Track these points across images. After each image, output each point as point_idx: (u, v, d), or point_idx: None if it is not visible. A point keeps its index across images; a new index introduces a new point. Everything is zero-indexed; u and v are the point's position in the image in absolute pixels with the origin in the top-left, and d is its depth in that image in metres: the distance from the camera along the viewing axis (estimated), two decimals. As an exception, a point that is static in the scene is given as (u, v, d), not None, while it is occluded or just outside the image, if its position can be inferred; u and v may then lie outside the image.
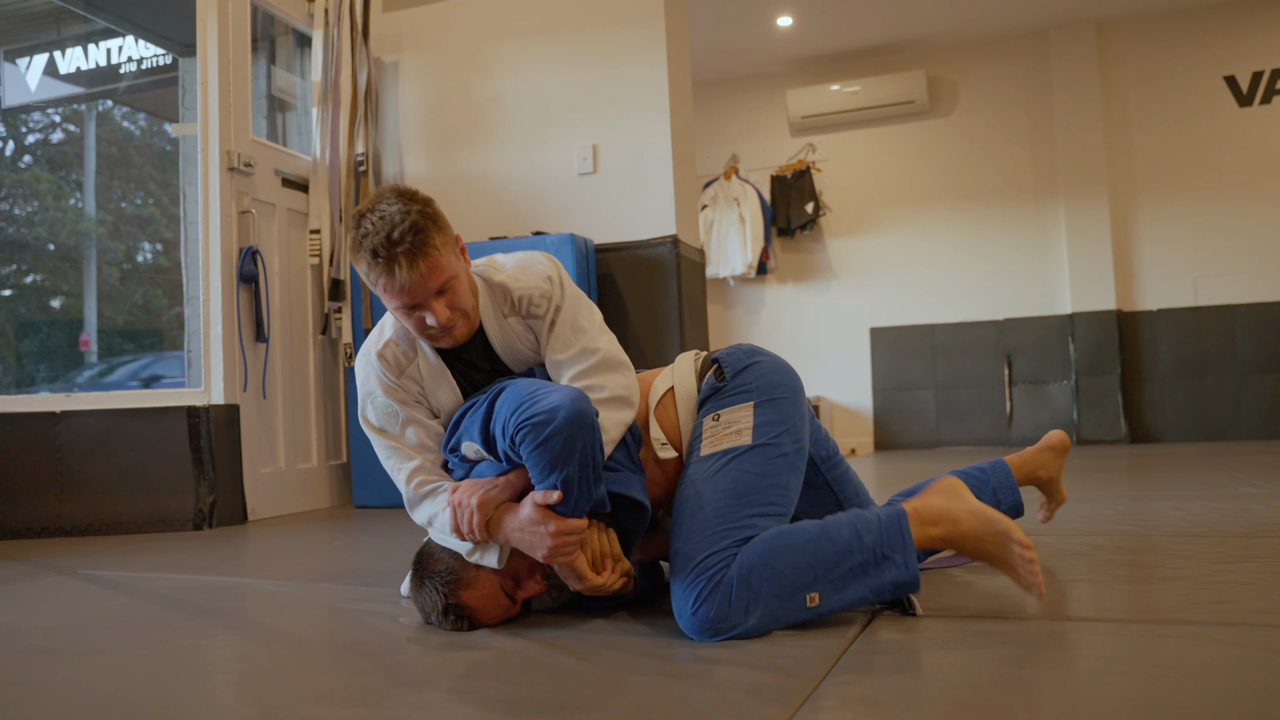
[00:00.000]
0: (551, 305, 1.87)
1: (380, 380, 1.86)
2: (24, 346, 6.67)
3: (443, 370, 1.88)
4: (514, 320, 1.89)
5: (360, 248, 1.73)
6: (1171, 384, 6.58)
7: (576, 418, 1.58)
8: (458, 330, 1.81)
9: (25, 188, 7.02)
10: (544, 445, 1.58)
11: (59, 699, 1.42)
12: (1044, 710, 1.18)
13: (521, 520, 1.65)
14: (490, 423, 1.69)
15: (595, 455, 1.63)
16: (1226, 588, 1.82)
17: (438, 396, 1.88)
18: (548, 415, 1.57)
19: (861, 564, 1.63)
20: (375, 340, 1.90)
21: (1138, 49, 6.75)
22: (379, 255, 1.71)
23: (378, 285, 1.75)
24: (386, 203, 1.75)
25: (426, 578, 1.76)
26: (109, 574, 2.62)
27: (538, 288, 1.88)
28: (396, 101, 4.72)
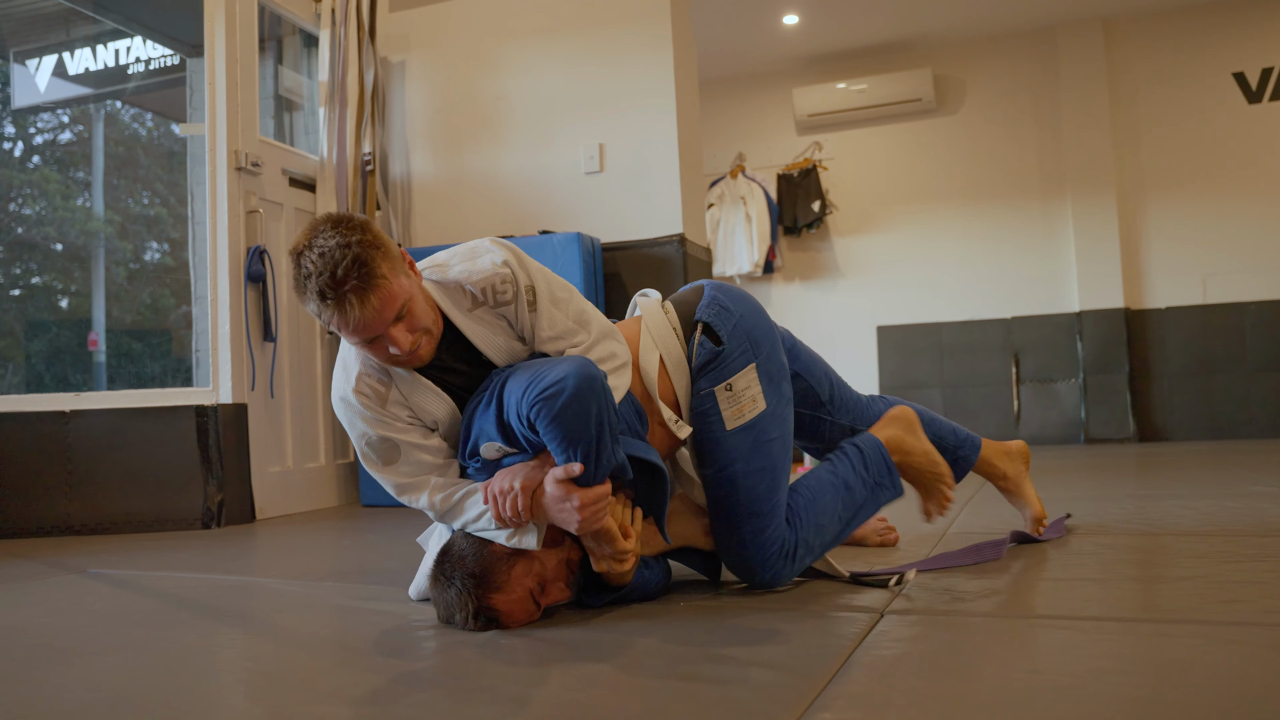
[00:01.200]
0: (520, 286, 1.80)
1: (366, 419, 1.79)
2: (33, 346, 6.69)
3: (423, 383, 1.80)
4: (482, 311, 1.82)
5: (305, 289, 1.64)
6: (1180, 382, 6.56)
7: (587, 384, 1.58)
8: (423, 350, 1.75)
9: (34, 188, 7.04)
10: (559, 416, 1.57)
11: (69, 697, 1.43)
12: (1052, 709, 1.17)
13: (548, 500, 1.64)
14: (504, 413, 1.68)
15: (610, 419, 1.63)
16: (1237, 587, 1.81)
17: (429, 410, 1.81)
18: (558, 386, 1.58)
19: (866, 497, 2.03)
20: (344, 380, 1.82)
21: (1145, 46, 6.73)
22: (327, 296, 1.62)
23: (332, 324, 1.67)
24: (323, 237, 1.64)
25: (454, 578, 1.71)
26: (118, 572, 2.63)
27: (496, 274, 1.80)
28: (403, 101, 4.73)
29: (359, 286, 1.62)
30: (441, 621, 1.77)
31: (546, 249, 3.98)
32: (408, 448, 1.79)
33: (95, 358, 6.58)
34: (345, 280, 1.61)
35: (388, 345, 1.70)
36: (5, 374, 6.37)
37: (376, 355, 1.73)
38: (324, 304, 1.63)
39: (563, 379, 1.58)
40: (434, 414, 1.81)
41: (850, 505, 2.00)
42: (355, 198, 4.34)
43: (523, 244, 4.05)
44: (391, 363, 1.75)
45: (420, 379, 1.80)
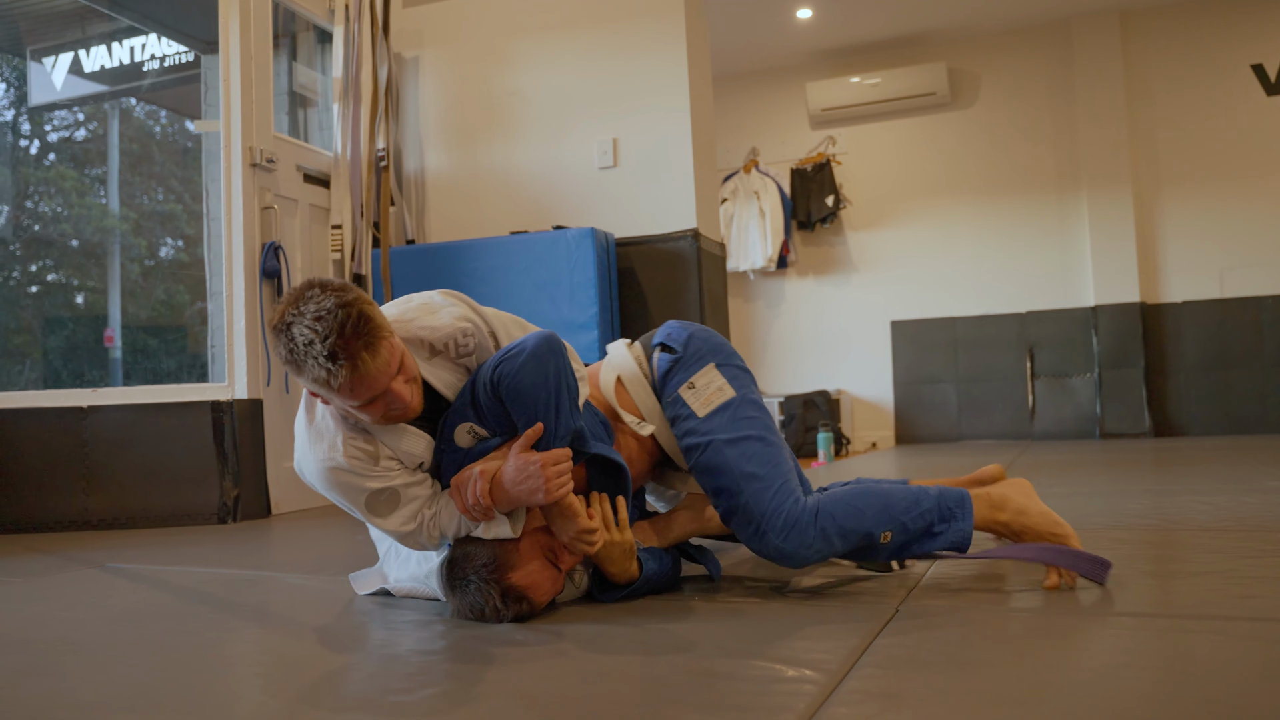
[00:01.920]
0: (481, 334, 1.83)
1: (363, 479, 1.75)
2: (50, 342, 6.73)
3: (402, 429, 1.79)
4: (439, 360, 1.83)
5: (307, 355, 1.60)
6: (1196, 377, 6.52)
7: (545, 344, 1.70)
8: (415, 401, 1.73)
9: (50, 185, 7.08)
10: (520, 373, 1.68)
11: (88, 690, 1.44)
12: (1069, 705, 1.17)
13: (513, 471, 1.67)
14: (475, 394, 1.76)
15: (569, 382, 1.72)
16: (1255, 583, 1.80)
17: (415, 453, 1.80)
18: (518, 347, 1.71)
19: (928, 518, 1.85)
20: (326, 450, 1.75)
21: (1162, 38, 6.69)
22: (338, 358, 1.59)
23: (338, 390, 1.63)
24: (314, 302, 1.62)
25: (467, 578, 1.73)
26: (136, 567, 2.65)
27: (458, 328, 1.82)
28: (417, 96, 4.74)
29: (370, 343, 1.61)
30: (477, 620, 1.75)
31: (560, 244, 3.99)
32: (404, 489, 1.78)
33: (111, 354, 6.62)
34: (356, 337, 1.59)
35: (388, 401, 1.68)
36: (23, 370, 6.41)
37: (372, 414, 1.70)
38: (335, 365, 1.59)
39: (522, 342, 1.72)
40: (419, 455, 1.81)
41: (902, 509, 1.85)
42: (369, 194, 4.35)
43: (537, 239, 4.05)
44: (386, 420, 1.73)
45: (400, 425, 1.79)
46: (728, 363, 2.01)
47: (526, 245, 4.07)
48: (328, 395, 1.67)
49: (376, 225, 4.39)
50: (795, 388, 7.34)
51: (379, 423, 1.73)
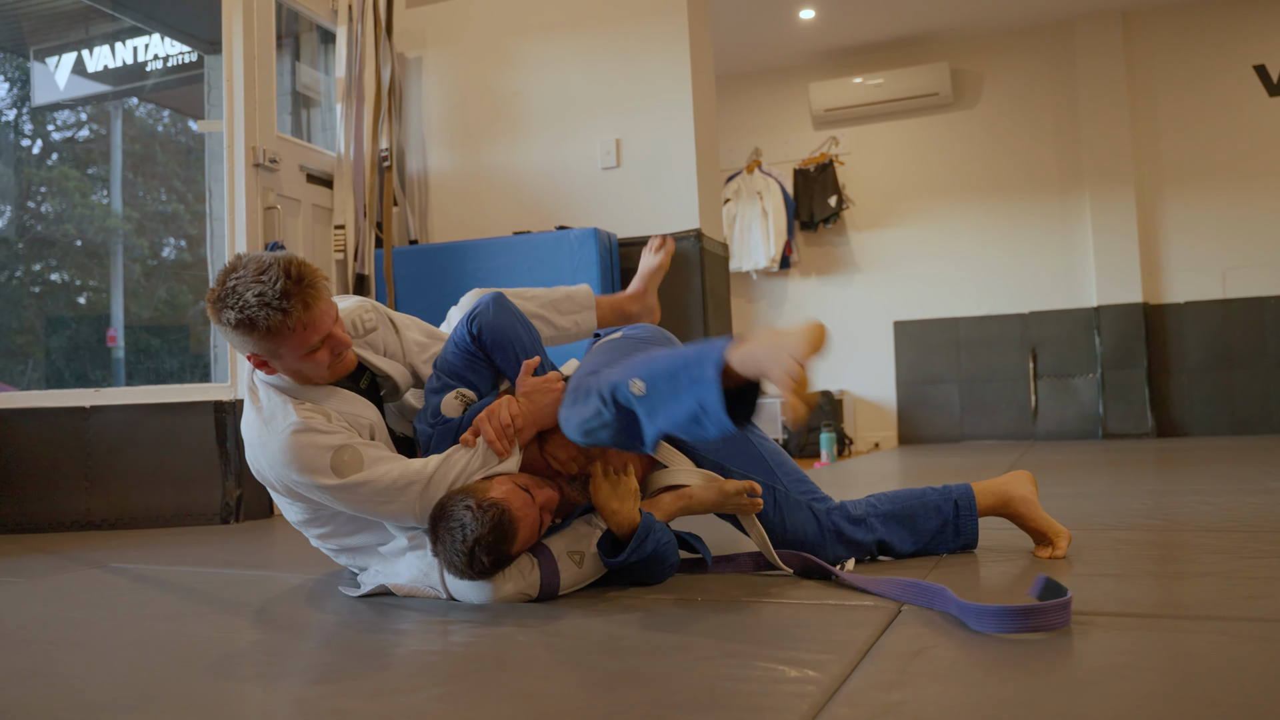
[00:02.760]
0: (380, 315, 2.05)
1: (328, 439, 1.82)
2: (53, 342, 6.74)
3: (348, 394, 1.94)
4: (357, 343, 2.01)
5: (261, 306, 1.73)
6: (1199, 377, 6.51)
7: (498, 296, 2.02)
8: (351, 354, 1.93)
9: (53, 185, 7.09)
10: (494, 319, 1.96)
11: (91, 690, 1.44)
12: (1071, 705, 1.17)
13: (528, 390, 1.93)
14: (452, 359, 1.99)
15: (526, 320, 2.05)
16: (1257, 583, 1.80)
17: (364, 415, 1.94)
18: (481, 302, 1.99)
19: (687, 372, 1.64)
20: (282, 425, 1.83)
21: (1165, 38, 6.68)
22: (290, 295, 1.74)
23: (294, 330, 1.77)
24: (253, 264, 1.78)
25: (447, 519, 1.78)
26: (138, 567, 2.65)
27: (359, 307, 2.03)
28: (420, 97, 4.74)
29: (312, 283, 1.79)
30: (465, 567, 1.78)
31: (563, 244, 3.99)
32: (364, 449, 1.85)
33: (114, 354, 6.62)
34: (300, 280, 1.76)
35: (333, 345, 1.85)
36: (26, 370, 6.42)
37: (320, 361, 1.85)
38: (289, 304, 1.74)
39: (481, 299, 2.01)
40: (368, 417, 1.95)
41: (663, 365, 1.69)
42: (372, 194, 4.35)
43: (540, 240, 4.05)
44: (332, 370, 1.89)
45: (343, 389, 1.94)
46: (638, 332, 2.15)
47: (530, 245, 4.07)
48: (278, 347, 1.79)
49: (379, 225, 4.39)
50: (797, 388, 7.33)
51: (327, 373, 1.88)
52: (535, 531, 1.83)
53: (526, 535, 1.81)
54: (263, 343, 1.79)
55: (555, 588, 1.87)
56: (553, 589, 1.87)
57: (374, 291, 4.30)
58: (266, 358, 1.84)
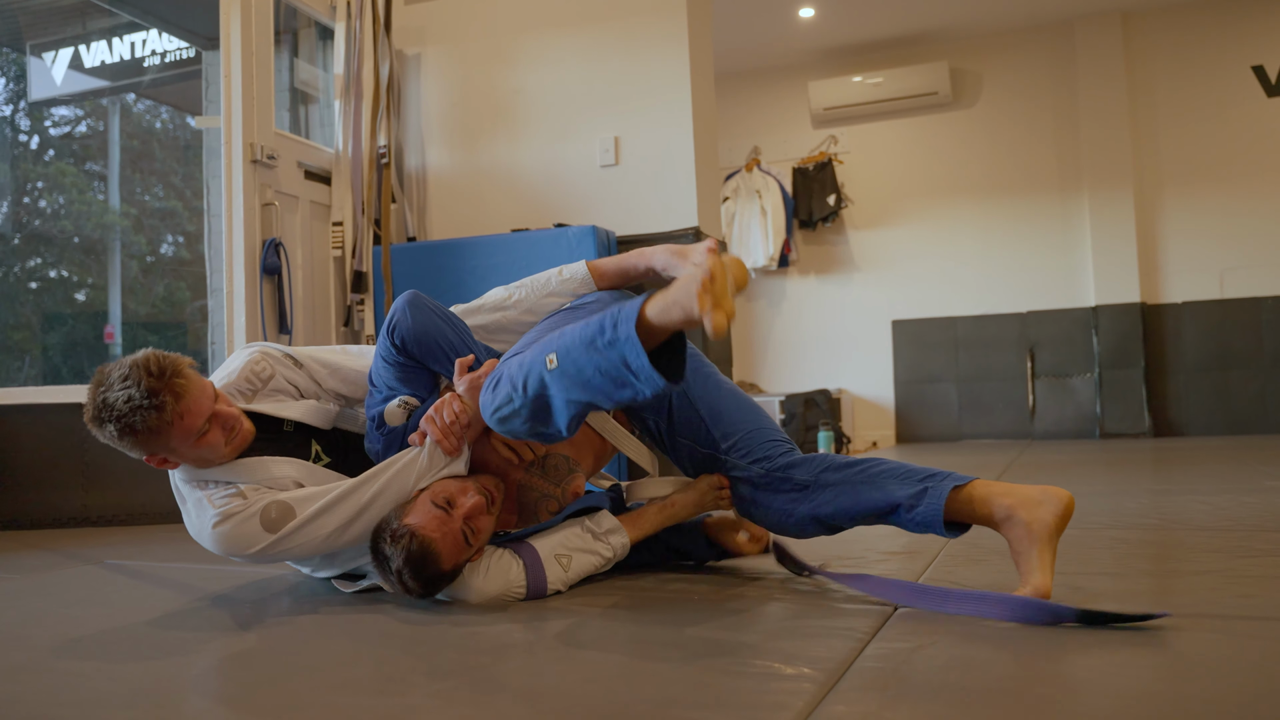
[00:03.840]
0: (275, 360, 2.04)
1: (248, 510, 1.86)
2: (50, 339, 6.74)
3: (264, 460, 1.95)
4: (262, 395, 2.02)
5: (134, 411, 1.76)
6: (1197, 377, 6.52)
7: (411, 295, 1.94)
8: (245, 424, 1.92)
9: (51, 181, 7.08)
10: (413, 322, 1.90)
11: (89, 687, 1.44)
12: (1068, 703, 1.17)
13: (467, 387, 1.88)
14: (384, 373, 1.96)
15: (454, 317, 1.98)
16: (1253, 582, 1.80)
17: (284, 475, 1.95)
18: (395, 308, 1.93)
19: (596, 343, 1.56)
20: (207, 522, 1.88)
21: (1164, 39, 6.68)
22: (159, 393, 1.76)
23: (174, 425, 1.79)
24: (114, 372, 1.80)
25: (374, 553, 1.82)
26: (135, 563, 2.65)
27: (248, 364, 2.03)
28: (419, 94, 4.73)
29: (176, 371, 1.80)
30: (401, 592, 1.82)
31: (562, 242, 3.99)
32: (290, 499, 1.89)
33: (111, 350, 6.62)
34: (162, 374, 1.78)
35: (222, 423, 1.86)
36: (22, 366, 6.41)
37: (215, 444, 1.86)
38: (159, 400, 1.76)
39: (395, 306, 1.94)
40: (288, 475, 1.95)
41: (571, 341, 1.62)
42: (370, 191, 4.35)
43: (538, 237, 4.05)
44: (228, 448, 1.89)
45: (257, 458, 1.95)
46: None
47: (528, 243, 4.07)
48: (167, 443, 1.82)
49: (378, 222, 4.39)
50: (796, 386, 7.34)
51: (229, 450, 1.89)
52: (460, 543, 1.79)
53: (451, 551, 1.78)
54: (150, 443, 1.82)
55: (542, 587, 1.88)
56: (540, 588, 1.87)
57: (373, 289, 4.30)
58: (163, 455, 1.88)
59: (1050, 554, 1.64)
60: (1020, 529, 1.66)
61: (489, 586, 1.85)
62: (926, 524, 1.74)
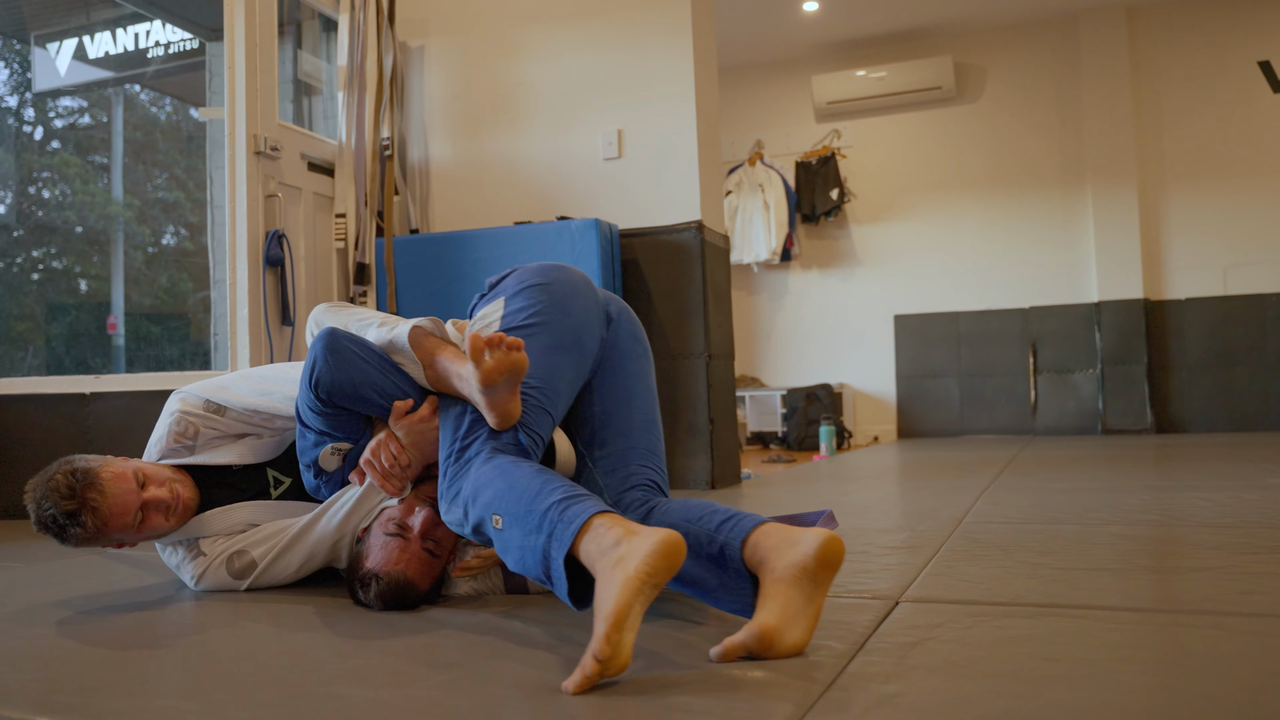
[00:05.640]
0: (195, 416, 2.05)
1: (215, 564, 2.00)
2: (53, 329, 6.74)
3: (216, 513, 2.01)
4: (196, 450, 2.05)
5: (61, 528, 1.80)
6: (1199, 374, 6.51)
7: (327, 337, 1.78)
8: (185, 492, 1.95)
9: (54, 172, 7.08)
10: (333, 372, 1.76)
11: (90, 675, 1.44)
12: (1068, 699, 1.17)
13: (404, 433, 1.80)
14: (312, 422, 1.85)
15: (371, 355, 1.80)
16: (1254, 579, 1.80)
17: (240, 519, 2.02)
18: (310, 357, 1.78)
19: (536, 524, 1.45)
20: (189, 581, 2.03)
21: (1169, 33, 6.67)
22: (77, 513, 1.79)
23: (104, 530, 1.83)
24: (33, 495, 1.83)
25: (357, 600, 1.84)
26: (137, 553, 2.65)
27: (172, 427, 2.05)
28: (422, 86, 4.73)
29: (88, 483, 1.81)
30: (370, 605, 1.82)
31: (564, 235, 3.99)
32: (244, 546, 2.00)
33: (114, 341, 6.63)
34: (71, 491, 1.80)
35: (155, 508, 1.89)
36: (26, 356, 6.42)
37: (155, 525, 1.90)
38: (80, 517, 1.79)
39: (310, 354, 1.79)
40: (244, 519, 2.03)
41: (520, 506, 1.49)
42: (373, 183, 4.35)
43: (541, 230, 4.05)
44: (171, 521, 1.93)
45: (208, 514, 2.01)
46: (523, 291, 1.83)
47: (531, 236, 4.07)
48: (108, 535, 1.87)
49: (380, 214, 4.39)
50: (798, 381, 7.34)
51: (173, 522, 1.94)
52: (428, 561, 1.80)
53: (421, 573, 1.80)
54: (92, 543, 1.88)
55: (523, 584, 1.88)
56: (519, 585, 1.88)
57: (375, 280, 4.30)
58: (115, 543, 1.93)
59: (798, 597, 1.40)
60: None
61: (462, 587, 1.90)
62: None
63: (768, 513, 1.67)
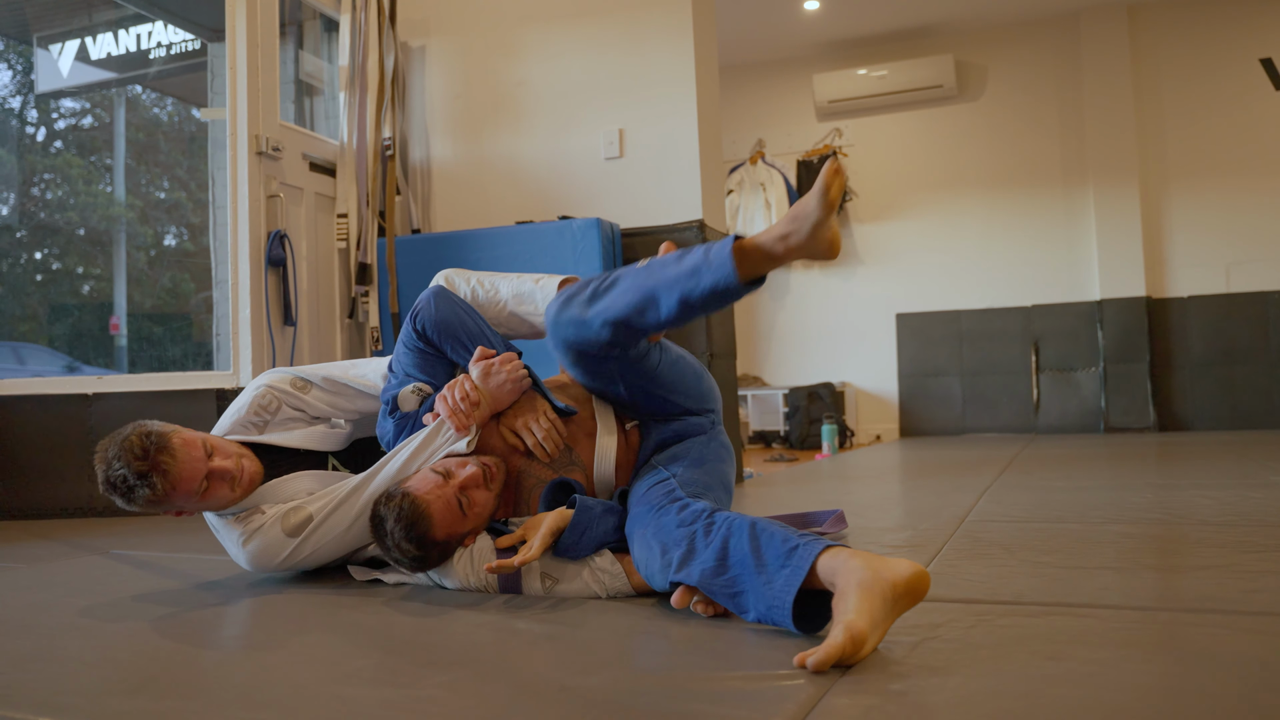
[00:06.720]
0: (279, 393, 2.13)
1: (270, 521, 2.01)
2: (56, 330, 6.75)
3: (280, 482, 2.06)
4: (270, 427, 2.12)
5: (130, 488, 1.85)
6: (1202, 372, 6.51)
7: (438, 288, 2.07)
8: (250, 465, 2.00)
9: (57, 173, 7.09)
10: (436, 311, 2.04)
11: (94, 675, 1.45)
12: (1071, 697, 1.17)
13: (480, 373, 1.98)
14: (404, 359, 2.09)
15: (469, 307, 2.10)
16: (1258, 577, 1.80)
17: (296, 491, 2.07)
18: (421, 299, 2.06)
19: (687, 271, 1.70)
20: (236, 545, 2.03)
21: (1170, 31, 6.66)
22: (147, 474, 1.84)
23: (171, 496, 1.88)
24: (108, 451, 1.89)
25: (372, 519, 1.87)
26: (140, 554, 2.66)
27: (255, 401, 2.13)
28: (423, 86, 4.73)
29: (160, 446, 1.87)
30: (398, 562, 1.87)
31: (566, 235, 3.99)
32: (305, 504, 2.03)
33: (117, 341, 6.63)
34: (145, 452, 1.85)
35: (221, 478, 1.94)
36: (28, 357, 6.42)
37: (219, 495, 1.95)
38: (150, 479, 1.84)
39: (421, 296, 2.07)
40: (305, 487, 2.08)
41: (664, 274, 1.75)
42: (375, 182, 4.35)
43: (542, 229, 4.05)
44: (235, 492, 1.97)
45: (270, 483, 2.05)
46: None
47: (532, 235, 4.07)
48: (172, 502, 1.92)
49: (382, 214, 4.39)
50: (800, 380, 7.34)
51: (236, 494, 1.98)
52: (455, 510, 1.84)
53: (444, 516, 1.83)
54: (155, 508, 1.93)
55: (516, 584, 1.87)
56: (513, 585, 1.87)
57: (377, 281, 4.31)
58: (174, 509, 1.97)
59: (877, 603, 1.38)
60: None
61: (471, 578, 1.88)
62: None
63: (772, 513, 1.67)
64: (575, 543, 1.82)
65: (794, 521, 2.41)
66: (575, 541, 1.82)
